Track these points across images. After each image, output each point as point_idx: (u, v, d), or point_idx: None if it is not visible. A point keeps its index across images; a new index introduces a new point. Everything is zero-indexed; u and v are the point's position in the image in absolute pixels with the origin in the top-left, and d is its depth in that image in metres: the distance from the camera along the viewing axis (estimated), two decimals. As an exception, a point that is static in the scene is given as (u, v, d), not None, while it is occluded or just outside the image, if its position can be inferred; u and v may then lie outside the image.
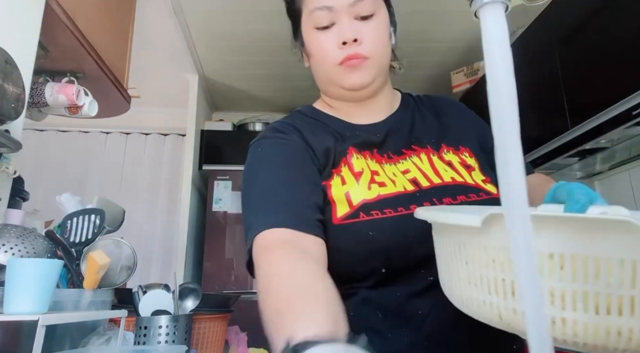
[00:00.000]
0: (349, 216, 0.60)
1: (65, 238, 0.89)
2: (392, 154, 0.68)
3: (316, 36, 0.68)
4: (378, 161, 0.67)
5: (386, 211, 0.59)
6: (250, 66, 2.71)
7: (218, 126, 2.98)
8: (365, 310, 0.60)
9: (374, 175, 0.64)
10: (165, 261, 2.91)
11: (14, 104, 0.90)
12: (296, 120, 0.73)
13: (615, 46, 1.39)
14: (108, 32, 1.51)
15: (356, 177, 0.63)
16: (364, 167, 0.65)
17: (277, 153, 0.66)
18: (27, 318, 0.61)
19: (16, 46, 0.96)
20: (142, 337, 0.84)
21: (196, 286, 0.95)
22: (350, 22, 0.65)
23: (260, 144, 0.69)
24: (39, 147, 2.96)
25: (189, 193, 2.65)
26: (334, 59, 0.66)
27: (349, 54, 0.65)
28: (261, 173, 0.64)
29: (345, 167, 0.65)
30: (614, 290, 0.30)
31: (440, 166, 0.66)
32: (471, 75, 2.42)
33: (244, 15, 2.21)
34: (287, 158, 0.65)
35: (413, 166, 0.66)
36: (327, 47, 0.66)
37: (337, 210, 0.61)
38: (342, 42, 0.65)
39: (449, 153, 0.68)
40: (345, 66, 0.66)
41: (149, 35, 2.24)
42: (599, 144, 1.56)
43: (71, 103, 1.29)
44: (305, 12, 0.69)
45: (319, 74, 0.72)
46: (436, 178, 0.64)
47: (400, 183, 0.63)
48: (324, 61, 0.68)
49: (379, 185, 0.62)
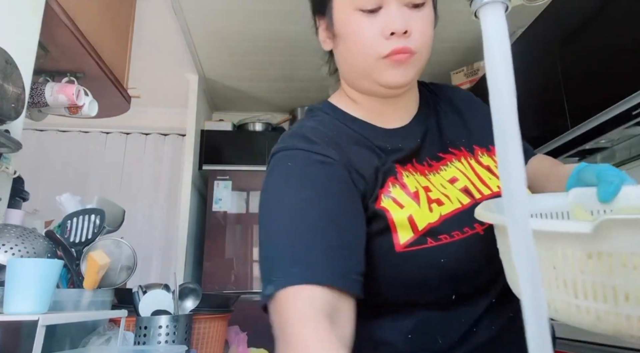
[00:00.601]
0: (414, 242, 0.53)
1: (65, 238, 0.89)
2: (431, 161, 0.62)
3: (358, 20, 0.57)
4: (422, 172, 0.60)
5: (454, 233, 0.54)
6: (250, 66, 2.71)
7: (218, 126, 2.98)
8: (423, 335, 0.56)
9: (427, 193, 0.57)
10: (165, 261, 2.91)
11: (14, 104, 0.90)
12: (328, 127, 0.61)
13: (615, 46, 1.39)
14: (108, 32, 1.51)
15: (414, 198, 0.56)
16: (417, 186, 0.57)
17: (314, 175, 0.54)
18: (27, 318, 0.61)
19: (16, 45, 0.96)
20: (142, 337, 0.84)
21: (196, 286, 0.95)
22: (400, 9, 0.56)
23: (292, 157, 0.56)
24: (39, 147, 2.96)
25: (189, 193, 2.66)
26: (377, 50, 0.56)
27: (396, 47, 0.55)
28: (293, 198, 0.52)
29: (397, 187, 0.57)
30: None
31: (483, 173, 0.61)
32: (471, 75, 2.42)
33: (244, 15, 2.21)
34: (329, 184, 0.53)
35: (459, 172, 0.61)
36: (370, 35, 0.56)
37: (400, 236, 0.53)
38: (391, 33, 0.55)
39: (484, 156, 0.64)
40: (390, 61, 0.56)
41: (149, 35, 2.24)
42: (599, 144, 1.56)
43: (71, 103, 1.29)
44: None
45: (352, 63, 0.61)
46: (484, 187, 0.59)
47: (454, 196, 0.58)
48: (364, 51, 0.57)
49: (437, 203, 0.56)
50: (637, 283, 0.32)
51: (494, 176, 0.61)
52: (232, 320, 1.13)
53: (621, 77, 1.34)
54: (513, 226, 0.27)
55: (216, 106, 3.34)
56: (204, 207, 2.77)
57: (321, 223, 0.49)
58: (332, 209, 0.51)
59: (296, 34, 2.33)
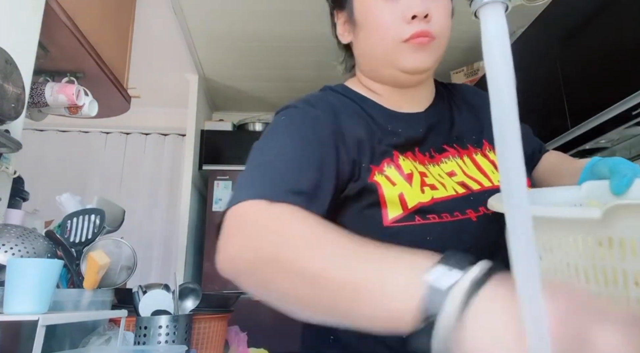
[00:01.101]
0: (403, 219, 0.54)
1: (65, 238, 0.89)
2: (434, 153, 0.62)
3: (379, 6, 0.58)
4: (421, 161, 0.61)
5: (444, 215, 0.55)
6: (250, 66, 2.71)
7: (218, 126, 2.98)
8: None
9: (423, 177, 0.58)
10: (165, 261, 2.91)
11: (14, 104, 0.90)
12: (329, 97, 0.64)
13: (615, 46, 1.39)
14: (108, 32, 1.51)
15: (407, 180, 0.57)
16: (412, 169, 0.59)
17: (304, 126, 0.57)
18: (27, 318, 0.61)
19: (16, 46, 0.96)
20: (142, 337, 0.84)
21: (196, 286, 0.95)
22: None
23: (287, 113, 0.60)
24: (39, 147, 2.96)
25: (189, 193, 2.66)
26: (398, 34, 0.57)
27: (417, 30, 0.56)
28: (280, 141, 0.55)
29: (392, 168, 0.58)
30: None
31: (487, 166, 0.62)
32: (471, 75, 2.42)
33: (244, 16, 2.21)
34: (315, 135, 0.55)
35: (458, 168, 0.61)
36: (391, 19, 0.57)
37: (389, 212, 0.55)
38: (412, 16, 0.56)
39: (492, 152, 0.63)
40: (412, 44, 0.57)
41: (149, 35, 2.24)
42: (599, 144, 1.56)
43: (71, 103, 1.29)
44: None
45: (372, 51, 0.62)
46: (486, 180, 0.60)
47: (450, 185, 0.59)
48: (384, 36, 0.58)
49: (431, 188, 0.57)
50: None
51: (495, 169, 0.62)
52: (232, 320, 1.13)
53: (621, 77, 1.34)
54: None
55: (216, 106, 3.34)
56: (204, 207, 2.77)
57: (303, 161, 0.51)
58: (314, 155, 0.53)
59: (296, 34, 2.33)
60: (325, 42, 2.76)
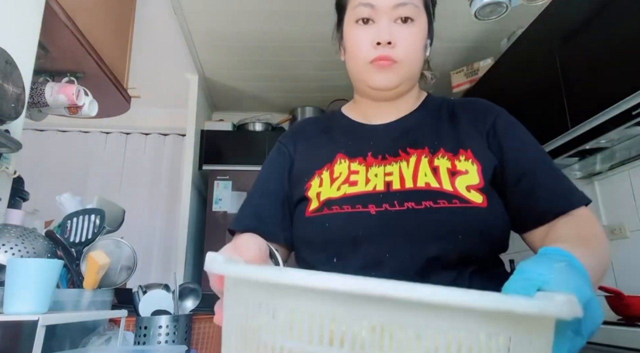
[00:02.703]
0: (316, 210, 0.66)
1: (65, 238, 0.89)
2: (388, 156, 0.69)
3: (354, 31, 0.70)
4: (368, 164, 0.69)
5: (345, 207, 0.64)
6: (250, 66, 2.71)
7: (218, 126, 2.98)
8: None
9: (350, 175, 0.68)
10: (165, 261, 2.91)
11: (14, 104, 0.90)
12: (308, 124, 0.83)
13: (615, 46, 1.39)
14: (108, 32, 1.51)
15: (332, 181, 0.69)
16: (342, 171, 0.69)
17: (271, 160, 0.78)
18: (27, 318, 0.61)
19: (16, 46, 0.96)
20: (142, 337, 0.84)
21: (196, 286, 0.95)
22: (388, 23, 0.68)
23: (275, 146, 0.80)
24: (39, 147, 2.96)
25: (189, 193, 2.66)
26: (366, 56, 0.68)
27: (379, 55, 0.67)
28: (261, 173, 0.78)
29: (327, 172, 0.70)
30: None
31: (423, 170, 0.66)
32: (471, 75, 2.42)
33: (244, 16, 2.21)
34: (271, 172, 0.76)
35: (397, 170, 0.67)
36: (362, 43, 0.69)
37: (311, 205, 0.68)
38: (377, 42, 0.67)
39: (443, 158, 0.66)
40: (375, 65, 0.68)
41: (149, 35, 2.24)
42: (599, 144, 1.55)
43: (71, 103, 1.29)
44: (350, 7, 0.72)
45: (350, 68, 0.74)
46: (410, 182, 0.65)
47: (374, 183, 0.66)
48: (356, 57, 0.70)
49: (350, 184, 0.67)
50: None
51: (432, 175, 0.65)
52: (232, 320, 1.13)
53: (621, 76, 1.34)
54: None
55: (216, 106, 3.34)
56: (204, 207, 2.77)
57: (256, 192, 0.75)
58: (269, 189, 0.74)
59: (296, 34, 2.33)
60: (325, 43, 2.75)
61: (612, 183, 1.84)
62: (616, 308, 1.34)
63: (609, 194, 1.85)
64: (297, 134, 0.79)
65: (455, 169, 0.65)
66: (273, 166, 0.77)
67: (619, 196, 1.79)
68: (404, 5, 0.67)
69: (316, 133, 0.78)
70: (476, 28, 2.28)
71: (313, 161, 0.73)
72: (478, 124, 0.70)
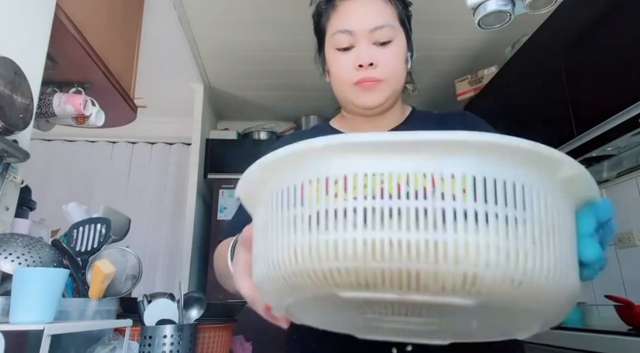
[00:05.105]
0: None
1: (72, 247, 0.89)
2: None
3: (336, 57, 0.73)
4: None
5: None
6: (254, 75, 2.73)
7: (223, 134, 3.00)
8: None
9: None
10: (170, 270, 2.91)
11: (23, 114, 0.91)
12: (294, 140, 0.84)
13: (620, 53, 1.38)
14: (115, 43, 1.53)
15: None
16: None
17: None
18: (33, 327, 0.61)
19: (25, 57, 0.97)
20: (147, 346, 0.83)
21: (201, 296, 0.95)
22: (368, 46, 0.70)
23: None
24: (46, 157, 2.99)
25: (194, 201, 2.66)
26: (349, 79, 0.71)
27: (363, 76, 0.70)
28: None
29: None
30: None
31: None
32: (475, 83, 2.42)
33: (249, 26, 2.24)
34: None
35: None
36: (344, 67, 0.72)
37: None
38: (359, 65, 0.70)
39: None
40: (359, 87, 0.71)
41: (155, 45, 2.27)
42: (605, 151, 1.55)
43: (78, 113, 1.30)
44: (329, 33, 0.75)
45: (336, 90, 0.78)
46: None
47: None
48: (341, 80, 0.73)
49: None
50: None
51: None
52: (237, 330, 1.12)
53: (627, 84, 1.34)
54: None
55: (221, 115, 3.36)
56: (209, 216, 2.78)
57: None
58: None
59: (300, 44, 2.35)
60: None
61: (620, 190, 1.82)
62: (626, 318, 1.32)
63: (616, 202, 1.84)
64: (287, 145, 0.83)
65: None
66: None
67: (627, 204, 1.77)
68: (381, 28, 0.70)
69: None
70: (480, 36, 2.28)
71: None
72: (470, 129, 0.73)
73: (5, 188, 0.94)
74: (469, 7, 1.22)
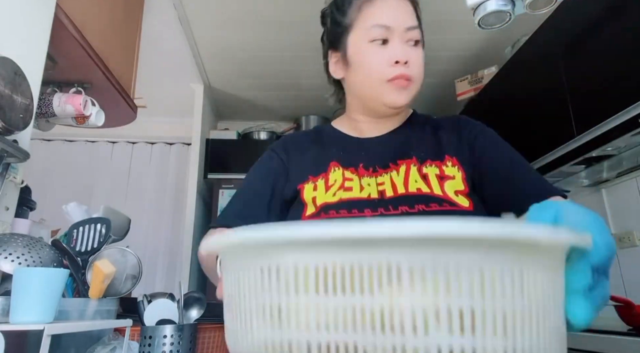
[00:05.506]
0: (314, 215, 0.67)
1: (72, 247, 0.89)
2: (378, 168, 0.72)
3: (369, 50, 0.71)
4: (360, 174, 0.71)
5: (341, 211, 0.66)
6: (255, 75, 2.73)
7: (223, 134, 2.99)
8: None
9: (345, 181, 0.70)
10: (170, 270, 2.91)
11: (23, 114, 0.91)
12: (299, 136, 0.84)
13: (620, 53, 1.38)
14: (115, 43, 1.53)
15: (327, 188, 0.70)
16: (337, 179, 0.71)
17: (261, 164, 0.80)
18: (33, 327, 0.61)
19: (25, 57, 0.97)
20: (147, 346, 0.83)
21: (201, 296, 0.95)
22: (402, 44, 0.70)
23: (264, 154, 0.82)
24: (46, 157, 2.98)
25: (194, 201, 2.66)
26: (383, 75, 0.70)
27: (399, 73, 0.69)
28: (248, 176, 0.80)
29: (322, 180, 0.72)
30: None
31: (414, 177, 0.69)
32: (475, 83, 2.42)
33: (249, 25, 2.24)
34: (260, 175, 0.78)
35: (389, 179, 0.70)
36: (378, 62, 0.70)
37: (307, 210, 0.69)
38: (395, 61, 0.69)
39: (431, 166, 0.70)
40: (393, 85, 0.70)
41: (155, 45, 2.27)
42: (605, 151, 1.54)
43: (78, 113, 1.31)
44: (360, 26, 0.73)
45: (361, 86, 0.74)
46: (402, 188, 0.68)
47: (367, 191, 0.68)
48: (371, 75, 0.71)
49: (345, 190, 0.68)
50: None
51: (422, 181, 0.68)
52: (237, 330, 1.12)
53: (627, 84, 1.34)
54: None
55: (221, 115, 3.36)
56: (209, 216, 2.78)
57: (243, 193, 0.77)
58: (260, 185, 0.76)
59: (300, 44, 2.35)
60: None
61: (620, 190, 1.82)
62: (626, 318, 1.32)
63: (616, 202, 1.84)
64: (289, 143, 0.81)
65: (444, 174, 0.69)
66: (261, 170, 0.79)
67: (626, 204, 1.77)
68: (414, 28, 0.71)
69: (308, 143, 0.80)
70: (480, 36, 2.28)
71: (306, 167, 0.75)
72: (462, 137, 0.74)
73: (5, 188, 0.94)
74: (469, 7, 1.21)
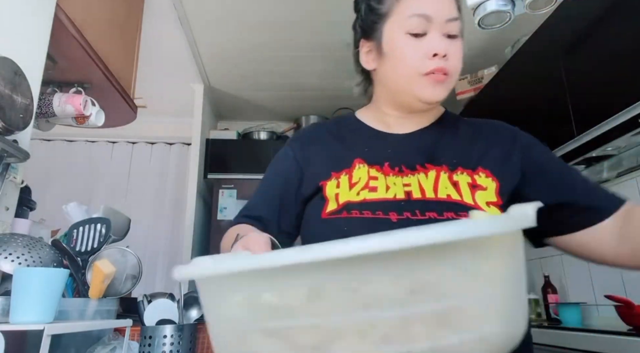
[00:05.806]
0: (335, 212, 0.65)
1: (72, 247, 0.89)
2: (405, 168, 0.69)
3: (406, 41, 0.67)
4: (385, 173, 0.68)
5: (365, 212, 0.63)
6: (254, 75, 2.73)
7: (223, 134, 3.00)
8: None
9: (370, 180, 0.67)
10: (170, 270, 2.89)
11: (23, 114, 0.91)
12: (319, 128, 0.81)
13: (620, 53, 1.39)
14: (115, 43, 1.53)
15: (350, 186, 0.68)
16: (361, 176, 0.68)
17: (279, 162, 0.79)
18: (33, 327, 0.61)
19: (25, 57, 0.97)
20: (147, 346, 0.83)
21: (201, 296, 0.95)
22: (440, 37, 0.66)
23: (281, 149, 0.81)
24: (46, 157, 2.98)
25: (194, 201, 2.66)
26: (419, 68, 0.66)
27: (436, 67, 0.65)
28: (266, 173, 0.80)
29: (346, 176, 0.69)
30: None
31: (444, 183, 0.66)
32: (475, 83, 2.42)
33: (249, 25, 2.24)
34: (276, 172, 0.78)
35: (416, 181, 0.67)
36: (415, 54, 0.66)
37: (328, 206, 0.67)
38: (433, 54, 0.65)
39: (462, 175, 0.67)
40: (430, 78, 0.66)
41: (155, 46, 2.27)
42: (605, 151, 1.55)
43: (78, 113, 1.31)
44: (398, 15, 0.68)
45: (395, 78, 0.70)
46: (432, 193, 0.65)
47: (393, 191, 0.65)
48: (406, 68, 0.67)
49: (370, 190, 0.66)
50: None
51: (452, 188, 0.65)
52: (237, 330, 1.12)
53: (627, 83, 1.34)
54: None
55: (221, 115, 3.36)
56: (209, 216, 2.78)
57: (261, 192, 0.78)
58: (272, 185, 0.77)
59: (300, 44, 2.35)
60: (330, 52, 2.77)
61: (620, 190, 1.81)
62: (626, 318, 1.32)
63: (616, 202, 1.83)
64: (308, 138, 0.78)
65: (475, 183, 0.66)
66: (277, 170, 0.78)
67: (626, 203, 1.77)
68: (455, 20, 0.67)
69: (329, 137, 0.77)
70: (480, 36, 2.28)
71: (328, 163, 0.72)
72: (500, 144, 0.71)
73: (5, 188, 0.94)
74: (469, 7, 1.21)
